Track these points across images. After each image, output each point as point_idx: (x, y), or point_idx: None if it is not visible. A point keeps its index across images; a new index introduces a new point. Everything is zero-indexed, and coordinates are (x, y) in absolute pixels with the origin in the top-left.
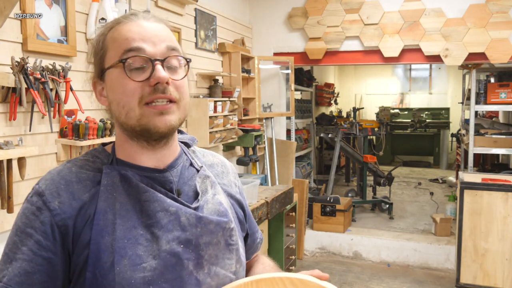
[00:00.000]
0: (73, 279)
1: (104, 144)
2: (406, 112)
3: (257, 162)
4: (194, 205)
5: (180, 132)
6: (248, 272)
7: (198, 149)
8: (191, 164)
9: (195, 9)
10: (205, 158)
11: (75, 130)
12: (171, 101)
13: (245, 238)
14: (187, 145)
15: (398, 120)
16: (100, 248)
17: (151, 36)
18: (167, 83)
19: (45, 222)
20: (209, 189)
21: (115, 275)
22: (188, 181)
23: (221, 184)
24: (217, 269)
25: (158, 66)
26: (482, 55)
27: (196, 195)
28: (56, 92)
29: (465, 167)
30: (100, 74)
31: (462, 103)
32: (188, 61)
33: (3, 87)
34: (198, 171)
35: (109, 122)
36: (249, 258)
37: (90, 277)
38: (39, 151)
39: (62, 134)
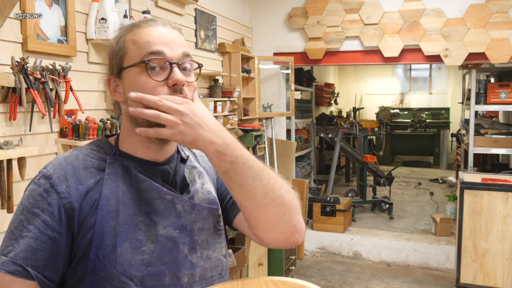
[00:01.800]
0: (76, 259)
1: (107, 136)
2: (406, 112)
3: None
4: (185, 195)
5: None
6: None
7: None
8: (181, 156)
9: (195, 9)
10: (195, 150)
11: (75, 130)
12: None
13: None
14: None
15: (398, 120)
16: (103, 232)
17: (169, 42)
18: (183, 84)
19: (52, 203)
20: (197, 179)
21: (116, 256)
22: (179, 171)
23: (209, 173)
24: (209, 253)
25: (176, 69)
26: (482, 55)
27: (186, 186)
28: (56, 92)
29: (465, 167)
30: (117, 72)
31: (462, 103)
32: (200, 66)
33: (3, 87)
34: (185, 162)
35: (109, 122)
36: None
37: (93, 258)
38: (39, 151)
39: (62, 134)
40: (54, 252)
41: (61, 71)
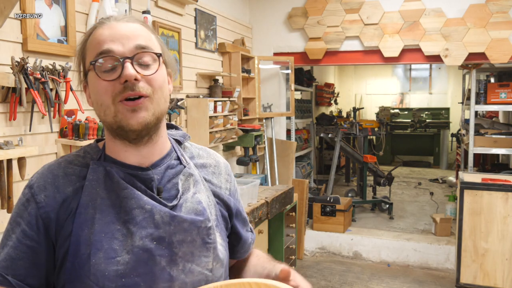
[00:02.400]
0: (57, 268)
1: (99, 140)
2: (406, 112)
3: (257, 162)
4: (172, 203)
5: (175, 128)
6: (243, 263)
7: (195, 147)
8: (180, 162)
9: (195, 9)
10: (200, 158)
11: (75, 130)
12: (143, 96)
13: (237, 240)
14: (179, 142)
15: (398, 120)
16: (79, 241)
17: (120, 37)
18: (136, 79)
19: (31, 213)
20: (191, 188)
21: (90, 266)
22: (172, 179)
23: (210, 183)
24: (192, 266)
25: (127, 64)
26: (482, 55)
27: (176, 193)
28: (56, 92)
29: (465, 167)
30: (85, 77)
31: (462, 103)
32: (158, 56)
33: (3, 87)
34: (184, 167)
35: None
36: (242, 257)
37: (70, 267)
38: (39, 151)
39: (62, 134)
40: (34, 260)
41: (61, 71)
